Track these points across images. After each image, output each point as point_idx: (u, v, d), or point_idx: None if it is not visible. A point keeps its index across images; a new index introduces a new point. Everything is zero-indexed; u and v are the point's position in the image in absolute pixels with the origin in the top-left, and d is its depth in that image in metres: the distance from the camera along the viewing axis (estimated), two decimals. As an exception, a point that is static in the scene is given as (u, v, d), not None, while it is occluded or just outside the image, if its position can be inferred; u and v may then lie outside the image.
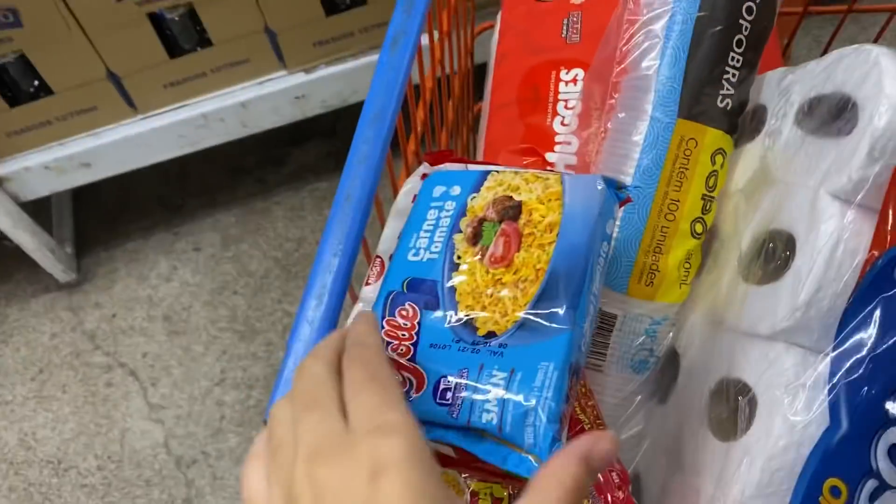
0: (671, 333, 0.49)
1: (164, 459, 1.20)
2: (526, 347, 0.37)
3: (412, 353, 0.39)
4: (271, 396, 0.38)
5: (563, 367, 0.36)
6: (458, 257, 0.41)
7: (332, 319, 0.39)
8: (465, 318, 0.39)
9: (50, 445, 1.23)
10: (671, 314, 0.49)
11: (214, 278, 1.35)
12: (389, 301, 0.41)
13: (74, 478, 1.20)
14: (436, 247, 0.42)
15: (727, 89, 0.46)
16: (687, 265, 0.48)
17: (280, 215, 1.39)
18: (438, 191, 0.44)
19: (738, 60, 0.46)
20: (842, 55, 0.43)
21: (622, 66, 0.48)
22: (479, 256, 0.41)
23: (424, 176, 0.48)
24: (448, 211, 0.43)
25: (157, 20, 1.10)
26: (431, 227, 0.43)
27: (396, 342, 0.40)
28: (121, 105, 1.19)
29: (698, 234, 0.47)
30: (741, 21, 0.46)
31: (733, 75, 0.46)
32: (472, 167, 0.47)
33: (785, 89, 0.47)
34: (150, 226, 1.43)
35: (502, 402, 0.36)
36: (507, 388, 0.36)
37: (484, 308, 0.39)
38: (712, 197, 0.47)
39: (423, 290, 0.41)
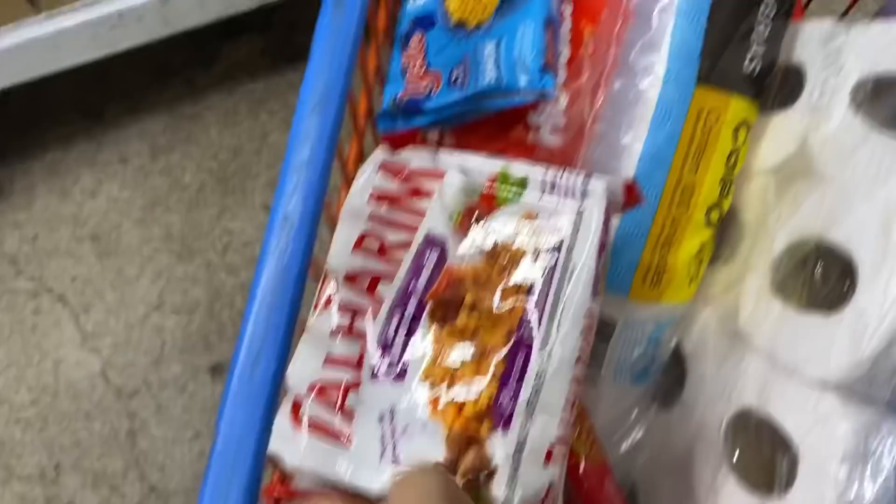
0: (676, 336, 0.43)
1: (103, 390, 1.13)
2: (506, 22, 0.45)
3: (426, 64, 0.47)
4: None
5: (540, 22, 0.43)
6: None
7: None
8: (458, 18, 0.48)
9: (-23, 379, 1.15)
10: (678, 315, 0.42)
11: (144, 193, 1.24)
12: (402, 38, 0.50)
13: (7, 412, 1.13)
14: None
15: (756, 47, 0.37)
16: (698, 259, 0.40)
17: (212, 121, 1.28)
18: None
19: (770, 9, 0.37)
20: None
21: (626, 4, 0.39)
22: None
23: (383, 166, 0.39)
24: None
25: None
26: None
27: (414, 60, 0.48)
28: (20, 3, 1.04)
29: (713, 223, 0.40)
30: None
31: (763, 29, 0.37)
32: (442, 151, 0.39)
33: (833, 53, 0.37)
34: (69, 135, 1.29)
35: (496, 62, 0.43)
36: (496, 52, 0.44)
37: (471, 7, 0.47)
38: (731, 179, 0.39)
39: (424, 21, 0.50)
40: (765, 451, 0.35)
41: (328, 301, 0.38)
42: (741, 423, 0.38)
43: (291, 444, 0.35)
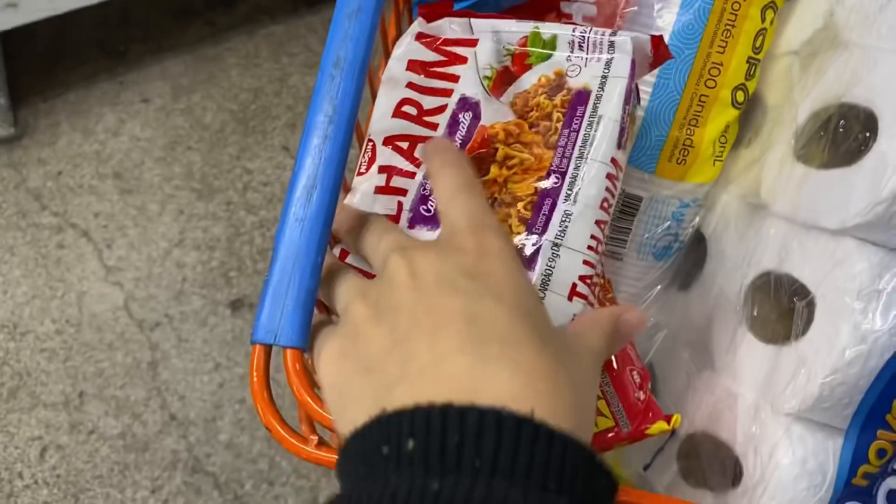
0: (698, 216, 0.44)
1: (126, 323, 1.16)
2: None
3: None
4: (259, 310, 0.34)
5: None
6: None
7: (327, 217, 0.33)
8: None
9: (3, 310, 1.18)
10: (701, 195, 0.44)
11: (166, 133, 1.25)
12: None
13: (32, 342, 1.16)
14: None
15: None
16: (723, 139, 0.42)
17: (233, 63, 1.29)
18: None
19: None
20: None
21: None
22: None
23: (419, 36, 0.41)
24: None
25: None
26: None
27: None
28: (47, -62, 1.05)
29: (739, 104, 0.41)
30: None
31: None
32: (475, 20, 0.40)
33: None
34: (91, 74, 1.31)
35: None
36: None
37: None
38: (758, 60, 0.41)
39: None
40: (783, 303, 0.37)
41: (370, 162, 0.40)
42: (760, 283, 0.39)
43: None
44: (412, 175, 0.38)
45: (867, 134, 0.35)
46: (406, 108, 0.40)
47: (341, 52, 0.33)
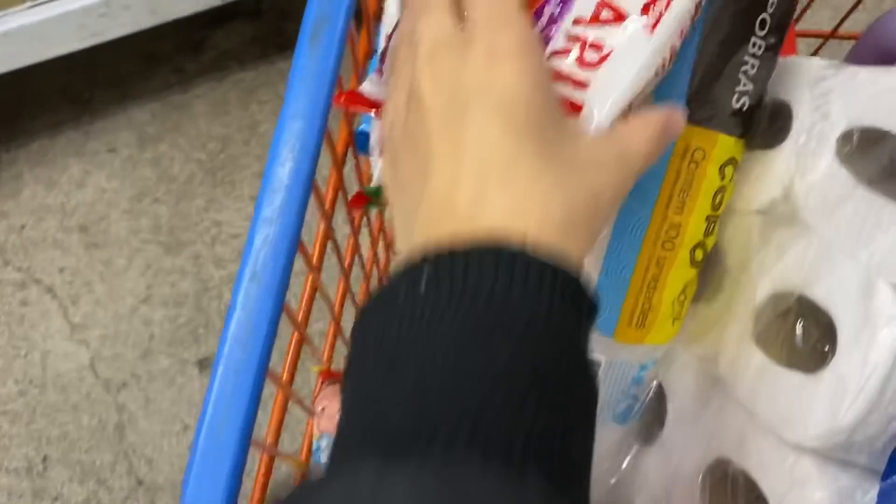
0: (658, 374, 0.42)
1: (92, 383, 1.13)
2: None
3: None
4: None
5: None
6: None
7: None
8: None
9: (-36, 370, 1.14)
10: (659, 354, 0.42)
11: (133, 184, 1.22)
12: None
13: (-6, 404, 1.13)
14: None
15: (744, 84, 0.36)
16: (682, 298, 0.40)
17: (202, 111, 1.26)
18: None
19: (759, 47, 0.36)
20: None
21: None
22: None
23: None
24: None
25: None
26: None
27: None
28: (4, -8, 1.02)
29: (697, 263, 0.39)
30: None
31: (752, 66, 0.36)
32: None
33: (821, 97, 0.36)
34: (56, 123, 1.28)
35: None
36: None
37: None
38: (717, 216, 0.39)
39: None
40: None
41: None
42: (719, 472, 0.37)
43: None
44: None
45: (826, 347, 0.32)
46: None
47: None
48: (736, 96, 0.36)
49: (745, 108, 0.37)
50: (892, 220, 0.32)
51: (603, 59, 0.32)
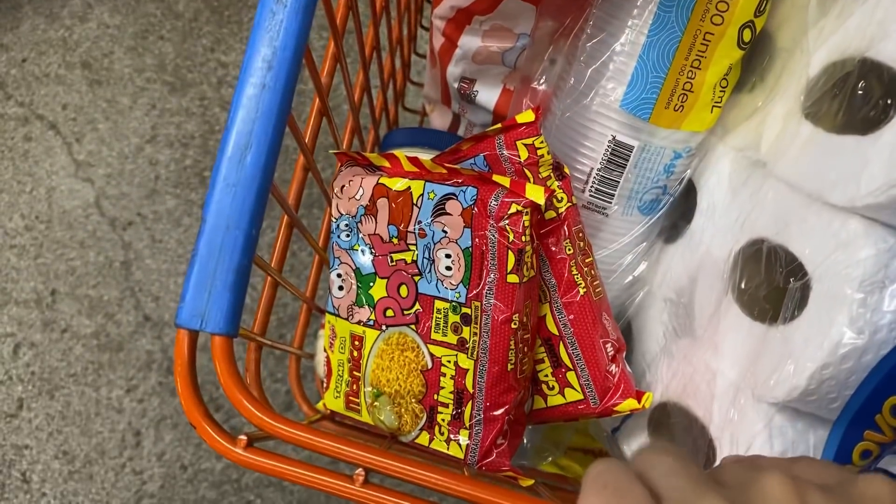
0: (690, 166, 0.41)
1: (98, 221, 1.12)
2: None
3: None
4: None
5: None
6: None
7: (262, 183, 0.29)
8: None
9: (-31, 203, 1.14)
10: (695, 144, 0.40)
11: (136, 20, 1.18)
12: None
13: (1, 238, 1.13)
14: None
15: None
16: (724, 83, 0.38)
17: (208, -55, 1.20)
18: None
19: None
20: None
21: None
22: None
23: None
24: None
25: None
26: None
27: None
28: None
29: (745, 44, 0.37)
30: None
31: None
32: None
33: None
34: (55, -48, 1.22)
35: None
36: None
37: None
38: None
39: None
40: (774, 279, 0.34)
41: None
42: (752, 251, 0.36)
43: None
44: None
45: (889, 101, 0.30)
46: None
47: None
48: None
49: None
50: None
51: None
